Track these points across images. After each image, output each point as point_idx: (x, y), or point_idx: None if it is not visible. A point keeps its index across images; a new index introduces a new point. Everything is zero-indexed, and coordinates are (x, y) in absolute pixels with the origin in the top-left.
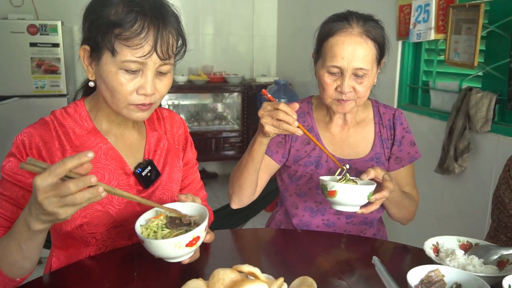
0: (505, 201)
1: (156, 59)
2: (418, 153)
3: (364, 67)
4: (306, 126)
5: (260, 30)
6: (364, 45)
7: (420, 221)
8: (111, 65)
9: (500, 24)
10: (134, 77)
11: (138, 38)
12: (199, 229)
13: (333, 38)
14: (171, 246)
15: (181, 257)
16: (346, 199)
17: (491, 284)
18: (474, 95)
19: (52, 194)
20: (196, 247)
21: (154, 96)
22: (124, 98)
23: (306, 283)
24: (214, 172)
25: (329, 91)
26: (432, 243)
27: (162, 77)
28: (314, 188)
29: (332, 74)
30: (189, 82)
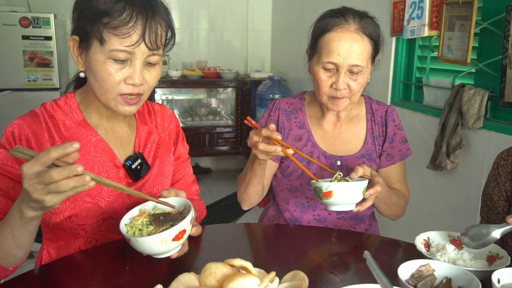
0: (494, 199)
1: (144, 49)
2: (409, 150)
3: (360, 64)
4: (298, 123)
5: (255, 26)
6: (360, 42)
7: (412, 217)
8: (100, 54)
9: (493, 21)
10: (122, 67)
11: (126, 27)
12: (184, 223)
13: (330, 34)
14: (157, 242)
15: (169, 252)
16: (343, 197)
17: (481, 278)
18: (466, 91)
19: (36, 181)
20: (183, 241)
21: (143, 87)
22: (112, 88)
23: (297, 277)
24: (208, 167)
25: (324, 88)
26: (423, 238)
27: (150, 68)
28: (306, 184)
29: (327, 70)
30: (183, 77)
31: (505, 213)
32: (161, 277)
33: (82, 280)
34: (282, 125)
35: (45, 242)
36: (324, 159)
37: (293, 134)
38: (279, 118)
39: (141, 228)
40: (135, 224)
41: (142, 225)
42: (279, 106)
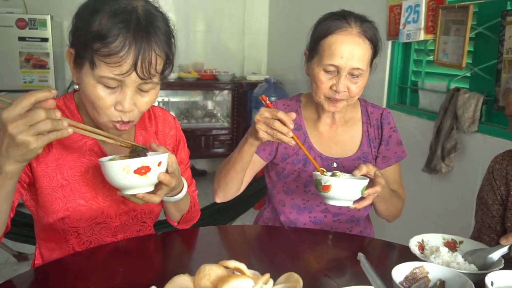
0: (488, 203)
1: (135, 78)
2: (404, 153)
3: (361, 67)
4: (294, 124)
5: (251, 28)
6: (362, 45)
7: (407, 220)
8: (90, 77)
9: (488, 26)
10: (113, 92)
11: (117, 56)
12: (149, 159)
13: (332, 37)
14: (119, 169)
15: (133, 189)
16: (340, 193)
17: (475, 281)
18: (461, 95)
19: (20, 122)
20: (147, 180)
21: (133, 113)
22: (103, 113)
23: (292, 279)
24: (203, 169)
25: (323, 89)
26: (417, 241)
27: (144, 93)
28: (302, 186)
29: (328, 72)
30: (180, 79)
31: (500, 217)
32: (156, 279)
33: (76, 282)
34: None
35: (39, 241)
36: (320, 161)
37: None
38: None
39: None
40: (115, 158)
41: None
42: (276, 107)
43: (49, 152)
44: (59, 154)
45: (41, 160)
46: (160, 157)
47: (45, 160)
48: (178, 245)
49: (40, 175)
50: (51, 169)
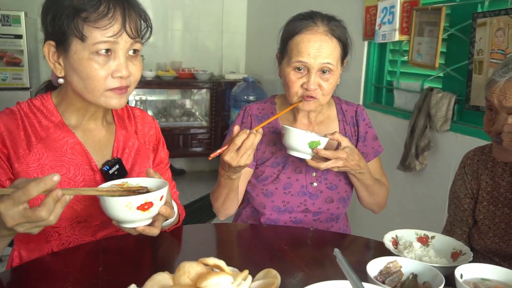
0: (460, 197)
1: (126, 38)
2: (381, 147)
3: (330, 61)
4: (271, 127)
5: (230, 27)
6: (329, 43)
7: (382, 217)
8: (82, 52)
9: (459, 28)
10: (107, 60)
11: (106, 19)
12: (152, 195)
13: (299, 36)
14: (122, 206)
15: (134, 223)
16: (290, 141)
17: (446, 274)
18: (434, 95)
19: (23, 221)
20: (149, 214)
21: (129, 79)
22: (100, 85)
23: (270, 275)
24: (182, 168)
25: (294, 88)
26: (391, 236)
27: (134, 60)
28: (281, 188)
29: (298, 71)
30: (157, 77)
31: (471, 210)
32: (135, 278)
33: (54, 282)
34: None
35: (17, 243)
36: (299, 162)
37: (266, 139)
38: (252, 125)
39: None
40: (112, 189)
41: (118, 191)
42: (251, 112)
43: (29, 152)
44: (40, 154)
45: (22, 161)
46: (162, 192)
47: (26, 160)
48: (158, 244)
49: (22, 175)
50: (32, 170)
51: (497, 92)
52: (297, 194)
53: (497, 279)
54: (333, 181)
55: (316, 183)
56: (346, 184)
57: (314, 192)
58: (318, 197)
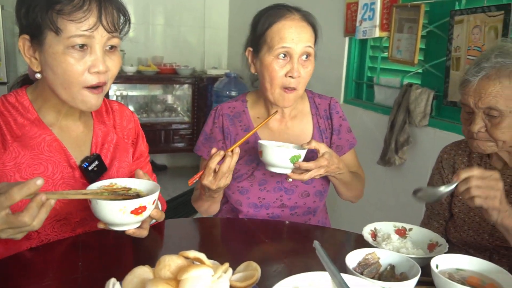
0: None
1: (103, 32)
2: (355, 139)
3: (311, 45)
4: (243, 126)
5: (212, 23)
6: (307, 28)
7: (363, 211)
8: (57, 46)
9: (438, 25)
10: (83, 55)
11: (81, 11)
12: (146, 199)
13: (279, 23)
14: (116, 209)
15: (125, 226)
16: (270, 159)
17: (422, 265)
18: (414, 91)
19: (5, 227)
20: (141, 218)
21: (106, 75)
22: (77, 81)
23: (250, 268)
24: (164, 164)
25: (278, 78)
26: (370, 229)
27: (111, 54)
28: (256, 185)
29: (281, 59)
30: (138, 72)
31: (448, 204)
32: (115, 272)
33: (33, 277)
34: (227, 131)
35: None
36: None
37: (239, 138)
38: (223, 124)
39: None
40: (101, 191)
41: (108, 193)
42: (222, 112)
43: (5, 151)
44: (16, 152)
45: None
46: (155, 195)
47: (1, 159)
48: (139, 238)
49: None
50: (8, 169)
51: (472, 93)
52: (273, 190)
53: (471, 269)
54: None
55: (291, 178)
56: (321, 178)
57: (290, 187)
58: (294, 192)
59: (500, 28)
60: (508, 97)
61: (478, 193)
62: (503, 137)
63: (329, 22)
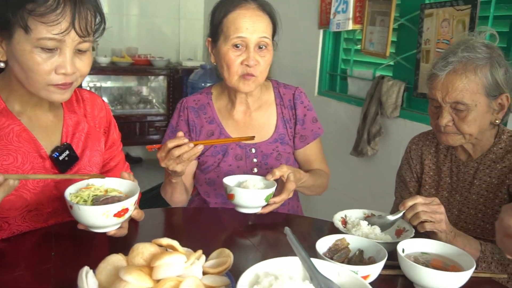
0: (406, 180)
1: (74, 36)
2: (321, 129)
3: (267, 35)
4: (208, 118)
5: (187, 13)
6: (263, 17)
7: (336, 201)
8: (25, 44)
9: (409, 18)
10: (51, 56)
11: (54, 14)
12: (129, 201)
13: (234, 13)
14: (99, 214)
15: (107, 228)
16: (244, 202)
17: (390, 249)
18: (385, 83)
19: None
20: (123, 220)
21: (75, 75)
22: (42, 79)
23: (223, 254)
24: (139, 156)
25: (234, 66)
26: (341, 216)
27: (81, 55)
28: (222, 176)
29: (237, 48)
30: (112, 64)
31: (416, 193)
32: (89, 261)
33: (4, 268)
34: (193, 123)
35: None
36: (239, 149)
37: (204, 130)
38: (188, 117)
39: (86, 199)
40: (81, 194)
41: (88, 197)
42: (187, 105)
43: None
44: None
45: None
46: (136, 196)
47: None
48: None
49: None
50: None
51: (440, 88)
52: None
53: (435, 252)
54: (273, 165)
55: (256, 168)
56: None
57: None
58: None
59: (468, 21)
60: (474, 91)
61: (426, 217)
62: (469, 130)
63: (304, 14)
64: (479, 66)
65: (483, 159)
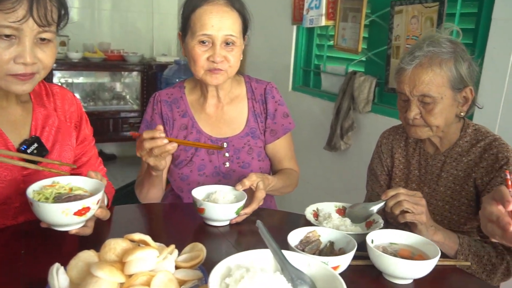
0: (377, 173)
1: (33, 25)
2: (292, 124)
3: (233, 33)
4: (181, 112)
5: (161, 8)
6: (231, 13)
7: (310, 195)
8: None
9: (380, 14)
10: (10, 45)
11: (10, 1)
12: (90, 200)
13: (201, 9)
14: (58, 211)
15: (69, 226)
16: (214, 216)
17: (360, 241)
18: (357, 78)
19: None
20: (85, 218)
21: (36, 66)
22: (1, 68)
23: (196, 249)
24: (112, 153)
25: (200, 61)
26: (312, 209)
27: (44, 46)
28: (196, 170)
29: (203, 44)
30: (84, 59)
31: (387, 186)
32: (60, 258)
33: None
34: (166, 117)
35: None
36: (211, 143)
37: (177, 124)
38: (162, 111)
39: (48, 197)
40: (43, 192)
41: (50, 194)
42: (160, 99)
43: None
44: None
45: None
46: (99, 196)
47: None
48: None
49: None
50: None
51: (407, 81)
52: (211, 175)
53: (403, 242)
54: (245, 159)
55: (228, 163)
56: (259, 161)
57: (227, 172)
58: (231, 177)
59: (436, 18)
60: (440, 84)
61: (408, 206)
62: (436, 122)
63: (278, 10)
64: (444, 60)
65: (450, 152)
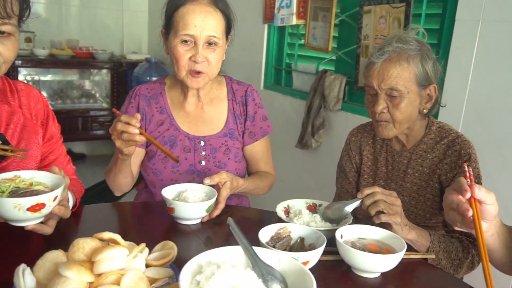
0: (346, 171)
1: None
2: (270, 127)
3: (216, 34)
4: (159, 108)
5: (130, 5)
6: (214, 14)
7: (282, 193)
8: None
9: (349, 14)
10: None
11: None
12: (45, 197)
13: (184, 8)
14: (10, 206)
15: (23, 222)
16: (184, 215)
17: (330, 236)
18: (328, 77)
19: None
20: (40, 215)
21: None
22: None
23: (167, 247)
24: (82, 153)
25: (182, 61)
26: (283, 206)
27: (4, 40)
28: (169, 167)
29: (185, 43)
30: (51, 56)
31: (356, 183)
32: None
33: None
34: (143, 111)
35: None
36: (188, 141)
37: (154, 119)
38: (139, 105)
39: (4, 190)
40: (0, 185)
41: (7, 188)
42: (139, 93)
43: None
44: None
45: None
46: (56, 192)
47: None
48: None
49: None
50: None
51: (376, 75)
52: (186, 172)
53: (371, 237)
54: (222, 159)
55: (204, 161)
56: (235, 162)
57: (203, 171)
58: (206, 175)
59: (403, 18)
60: (407, 78)
61: (384, 206)
62: (401, 117)
63: (249, 8)
64: (411, 56)
65: (415, 149)
